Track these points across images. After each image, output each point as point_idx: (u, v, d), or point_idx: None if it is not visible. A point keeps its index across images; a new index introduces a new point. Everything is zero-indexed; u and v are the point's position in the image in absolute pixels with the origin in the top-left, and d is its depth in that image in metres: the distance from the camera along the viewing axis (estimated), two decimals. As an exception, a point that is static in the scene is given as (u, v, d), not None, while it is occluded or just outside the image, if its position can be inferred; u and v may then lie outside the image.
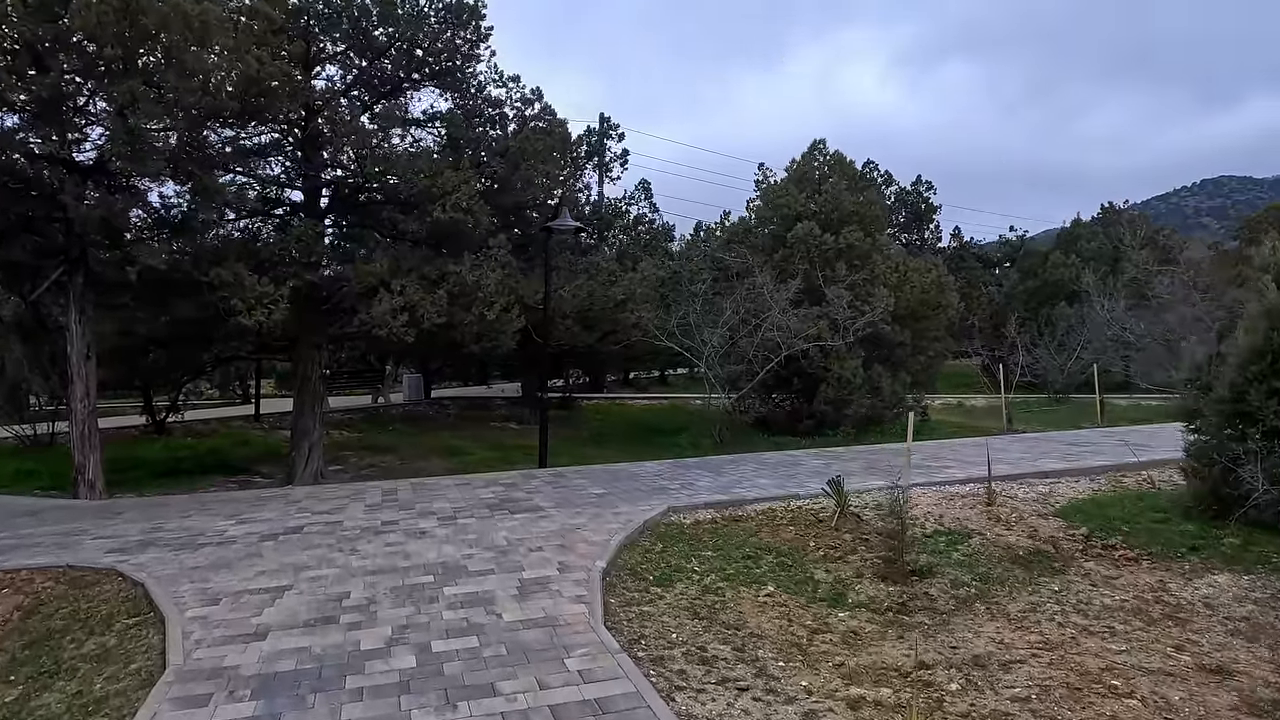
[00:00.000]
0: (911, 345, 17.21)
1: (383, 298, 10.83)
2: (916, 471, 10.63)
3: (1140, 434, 14.39)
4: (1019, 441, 13.65)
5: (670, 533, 8.00)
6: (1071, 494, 9.47)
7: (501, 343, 12.17)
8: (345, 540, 7.58)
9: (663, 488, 10.00)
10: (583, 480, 10.76)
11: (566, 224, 11.35)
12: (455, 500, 9.51)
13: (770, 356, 15.38)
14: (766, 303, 15.98)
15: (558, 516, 8.41)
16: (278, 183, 13.84)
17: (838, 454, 12.82)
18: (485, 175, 12.11)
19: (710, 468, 11.65)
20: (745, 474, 10.93)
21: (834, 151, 18.25)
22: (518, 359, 21.05)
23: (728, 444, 15.60)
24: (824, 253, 16.52)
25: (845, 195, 17.36)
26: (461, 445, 16.74)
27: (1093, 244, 29.15)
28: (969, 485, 9.83)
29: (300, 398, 13.01)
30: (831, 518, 8.24)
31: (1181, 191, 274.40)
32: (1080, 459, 11.33)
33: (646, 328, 15.79)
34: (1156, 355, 18.12)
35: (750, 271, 17.26)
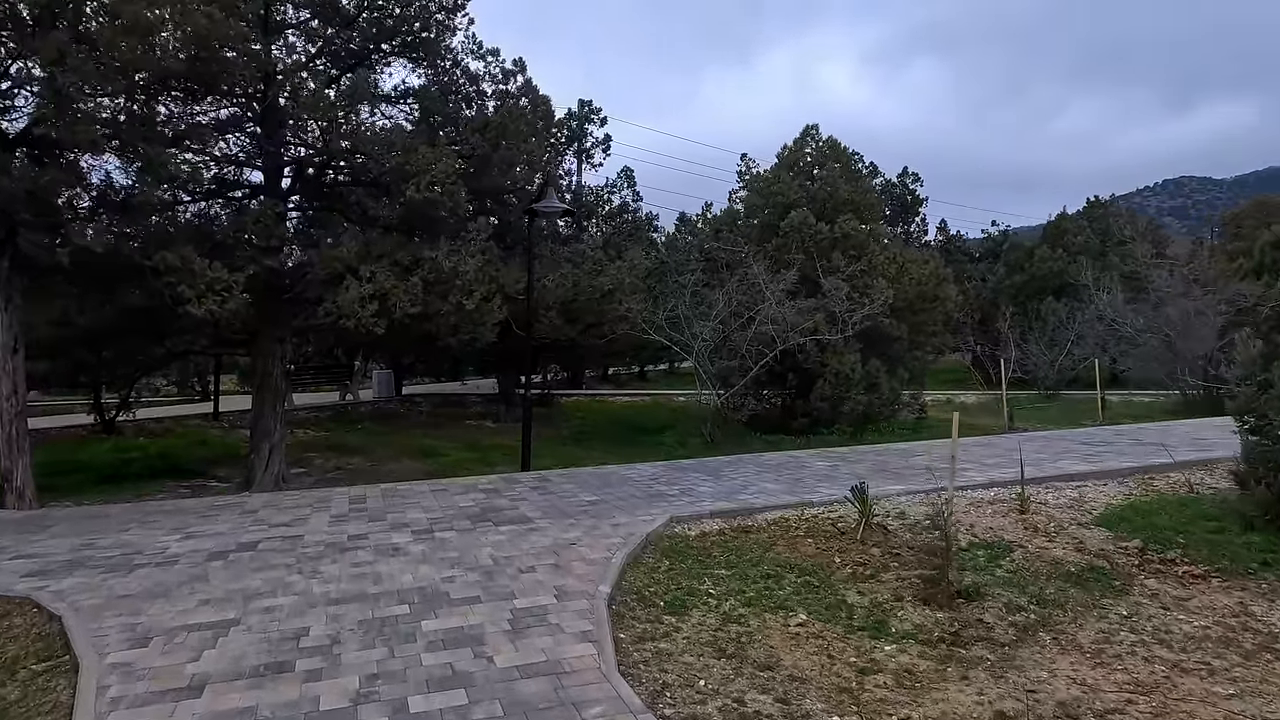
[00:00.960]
0: (909, 340, 16.50)
1: (350, 285, 9.81)
2: (934, 475, 9.86)
3: (1149, 432, 13.78)
4: (1029, 441, 12.96)
5: (676, 547, 7.12)
6: (1104, 499, 8.74)
7: (481, 335, 11.20)
8: (306, 560, 6.59)
9: (660, 494, 9.12)
10: (571, 485, 9.85)
11: (553, 206, 10.40)
12: (431, 510, 8.54)
13: (765, 351, 14.57)
14: (760, 294, 15.17)
15: (549, 529, 7.49)
16: (236, 162, 12.72)
17: (842, 455, 12.02)
18: (463, 154, 11.10)
19: (708, 470, 10.79)
20: (747, 477, 10.08)
21: (828, 138, 17.49)
22: (494, 354, 20.03)
23: (719, 443, 14.77)
24: (819, 242, 15.73)
25: (841, 183, 16.59)
26: (435, 445, 15.72)
27: (1080, 238, 28.75)
28: (993, 490, 9.07)
29: (260, 396, 11.93)
30: (855, 529, 7.41)
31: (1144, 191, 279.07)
32: (1101, 460, 10.63)
33: (635, 320, 14.89)
34: (1155, 351, 17.61)
35: (741, 262, 16.45)
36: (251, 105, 11.72)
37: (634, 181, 23.65)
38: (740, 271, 15.87)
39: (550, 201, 10.44)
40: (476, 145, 11.36)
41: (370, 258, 10.29)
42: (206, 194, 12.43)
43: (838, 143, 17.34)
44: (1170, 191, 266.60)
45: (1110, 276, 21.55)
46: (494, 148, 11.31)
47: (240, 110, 11.91)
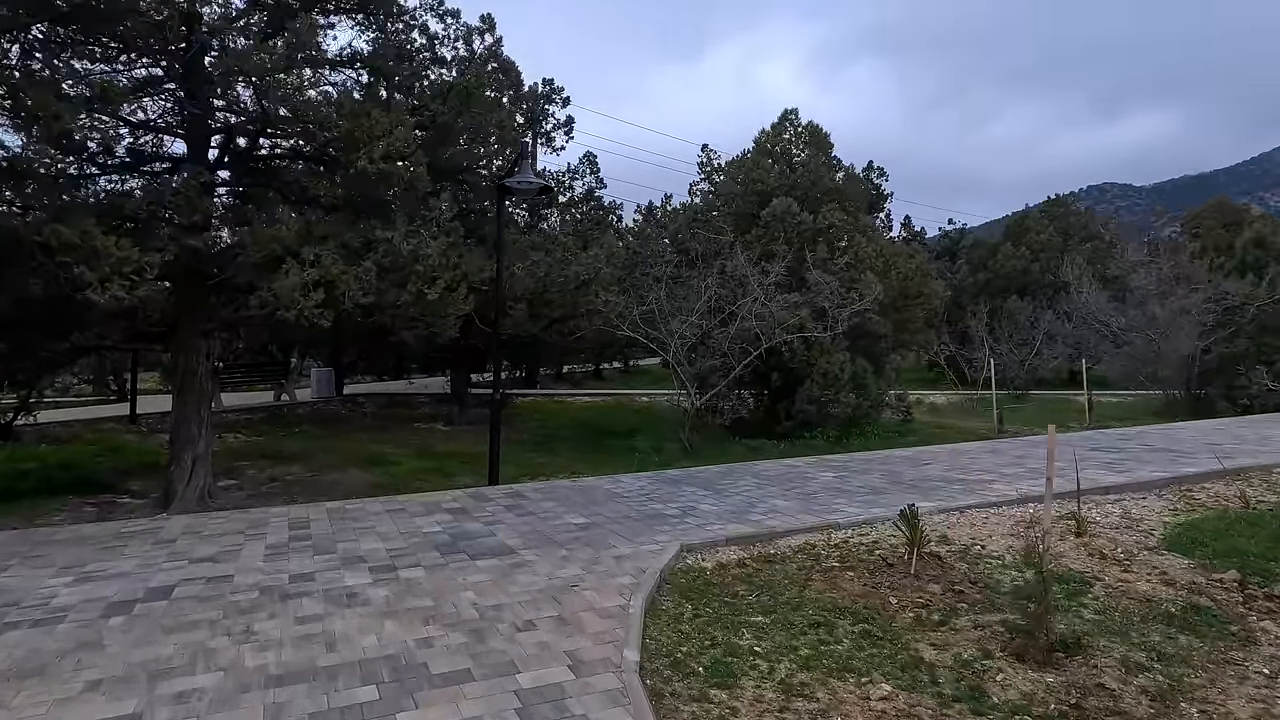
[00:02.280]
0: (893, 338, 15.61)
1: (290, 270, 8.32)
2: (955, 487, 8.87)
3: (1151, 436, 13.12)
4: (1035, 446, 12.13)
5: (695, 585, 5.91)
6: (1153, 515, 7.84)
7: (443, 330, 9.79)
8: (236, 613, 5.17)
9: (658, 514, 7.89)
10: (551, 504, 8.54)
11: (528, 181, 9.06)
12: (390, 536, 7.15)
13: (748, 349, 13.45)
14: (742, 288, 14.06)
15: (539, 564, 6.19)
16: (155, 129, 11.01)
17: (843, 464, 10.97)
18: (422, 124, 9.67)
19: (702, 484, 9.61)
20: (750, 492, 8.93)
21: (807, 123, 16.47)
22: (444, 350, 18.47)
23: (698, 449, 13.62)
24: (802, 233, 14.69)
25: (824, 170, 15.60)
26: (384, 452, 14.18)
27: (1042, 236, 28.54)
28: (1031, 505, 8.10)
29: (182, 398, 10.28)
30: (906, 560, 6.30)
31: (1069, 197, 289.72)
32: (1127, 469, 9.80)
33: (610, 314, 13.61)
34: (1139, 351, 17.13)
35: (719, 254, 15.32)
36: (173, 65, 10.08)
37: (597, 167, 22.35)
38: (719, 264, 14.73)
39: (525, 176, 9.09)
40: (437, 113, 9.93)
41: (314, 239, 8.79)
42: (121, 167, 10.71)
43: (818, 128, 16.34)
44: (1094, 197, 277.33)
45: (1088, 275, 21.13)
46: (457, 115, 9.90)
47: (165, 71, 10.26)
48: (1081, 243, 28.04)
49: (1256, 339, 15.80)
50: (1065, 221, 29.50)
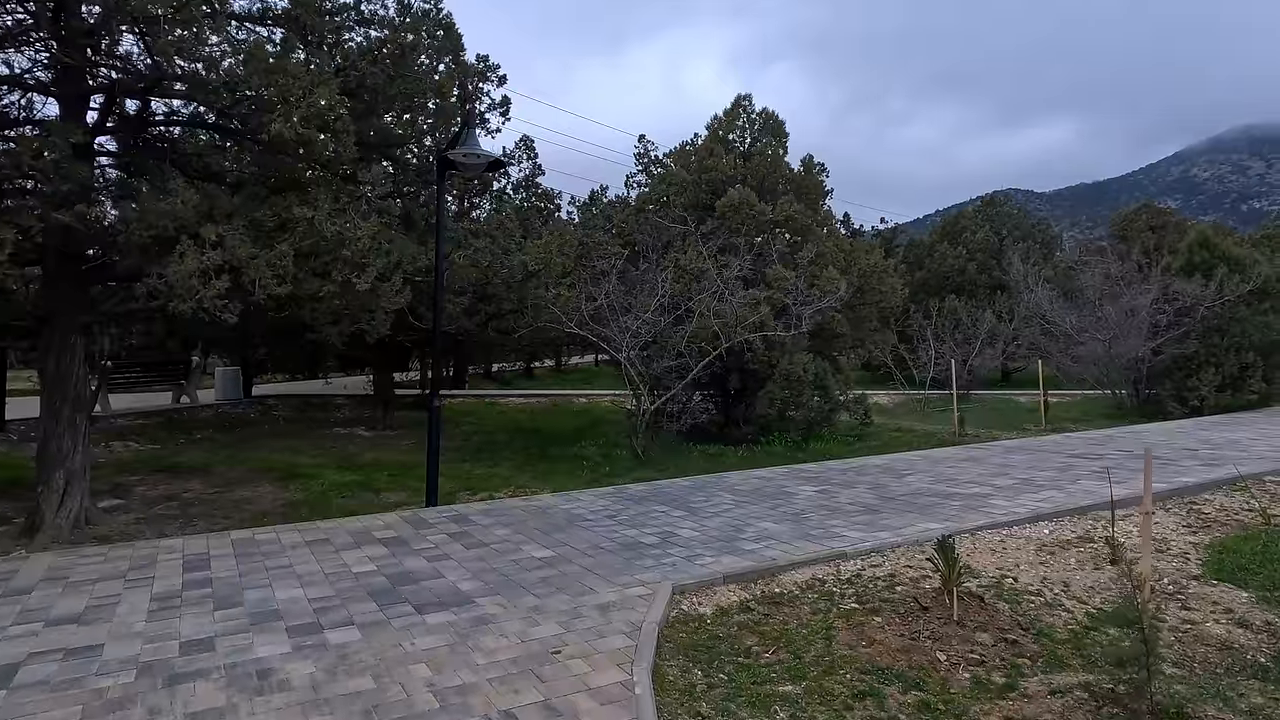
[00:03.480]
0: (851, 337, 14.89)
1: (186, 253, 6.84)
2: (953, 504, 8.05)
3: (1122, 441, 12.72)
4: (1011, 453, 11.52)
5: (700, 642, 4.84)
6: (1172, 534, 7.17)
7: (374, 326, 8.42)
8: (101, 711, 3.81)
9: (633, 543, 6.77)
10: (504, 530, 7.33)
11: (476, 152, 7.77)
12: (312, 578, 5.83)
13: (706, 349, 12.45)
14: (699, 283, 13.06)
15: (505, 619, 4.99)
16: (23, 86, 9.25)
17: (818, 474, 10.08)
18: (348, 88, 8.27)
19: (674, 502, 8.54)
20: (731, 512, 7.91)
21: (762, 109, 15.59)
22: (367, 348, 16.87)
23: (653, 457, 12.55)
24: (761, 225, 13.78)
25: (781, 160, 14.74)
26: (300, 463, 12.60)
27: (978, 235, 28.60)
28: (1041, 526, 7.32)
29: (52, 405, 8.59)
30: (940, 600, 5.35)
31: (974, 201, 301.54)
32: (1124, 480, 9.18)
33: (561, 309, 12.34)
34: (1090, 351, 16.92)
35: (670, 246, 14.29)
36: (43, 8, 8.39)
37: (535, 152, 20.93)
38: (672, 257, 13.70)
39: (472, 145, 7.80)
40: (366, 74, 8.55)
41: (217, 216, 7.33)
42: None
43: (773, 115, 15.47)
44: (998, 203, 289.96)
45: (1034, 274, 21.00)
46: (390, 78, 8.53)
47: (28, 16, 8.55)
48: (1016, 242, 28.24)
49: (1205, 340, 15.72)
50: (1000, 221, 29.72)
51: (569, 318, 12.64)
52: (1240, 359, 15.68)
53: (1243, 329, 15.69)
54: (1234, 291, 15.47)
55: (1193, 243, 17.03)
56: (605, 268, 13.58)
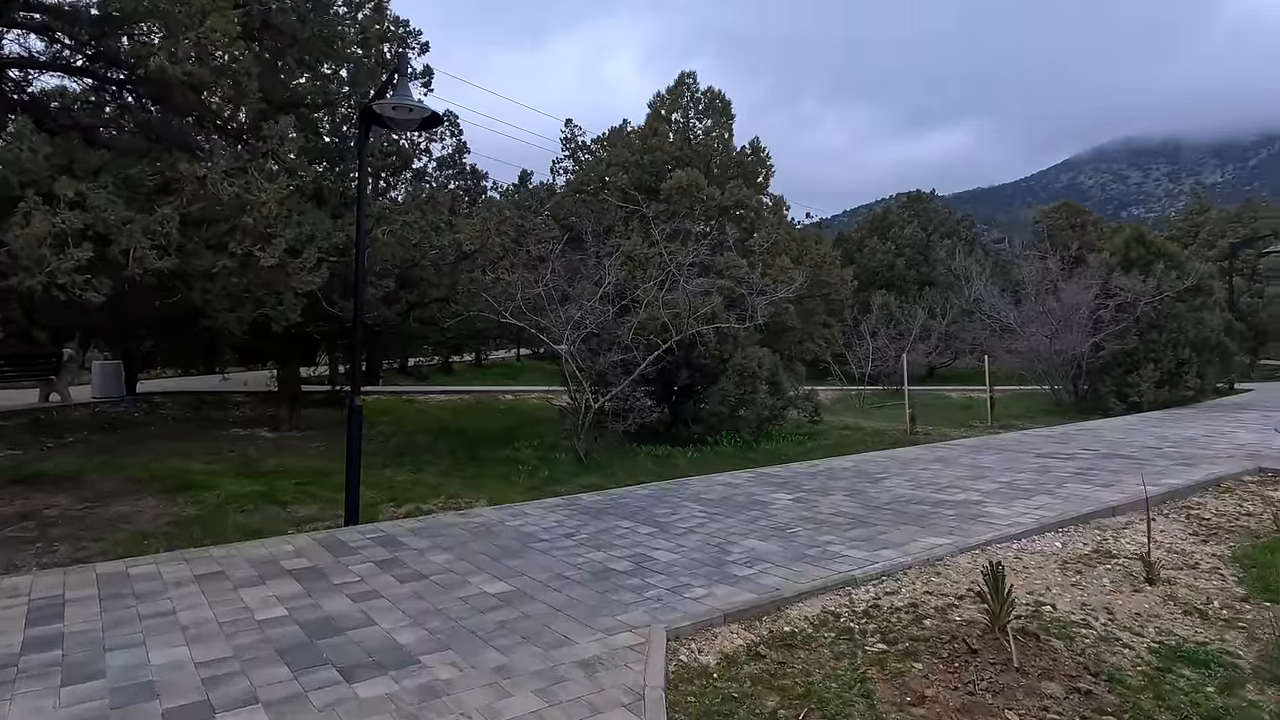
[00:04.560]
0: (801, 330, 14.17)
1: (33, 215, 5.37)
2: (947, 513, 7.29)
3: (1079, 438, 12.38)
4: (978, 452, 10.95)
5: (713, 709, 3.83)
6: (1187, 544, 6.57)
7: (280, 312, 7.04)
8: None
9: (603, 570, 5.70)
10: (444, 555, 6.13)
11: (410, 104, 6.49)
12: (202, 632, 4.53)
13: (656, 341, 11.46)
14: (644, 271, 12.05)
15: (463, 685, 3.84)
16: None
17: (787, 479, 9.22)
18: (251, 24, 6.86)
19: (635, 515, 7.50)
20: (706, 527, 6.92)
21: (708, 88, 14.66)
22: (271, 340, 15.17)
23: (597, 460, 11.48)
24: (709, 209, 12.87)
25: (729, 142, 13.87)
26: (191, 470, 10.96)
27: (907, 230, 28.60)
28: (1056, 537, 6.62)
29: None
30: (987, 639, 4.48)
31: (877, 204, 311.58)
32: (1109, 483, 8.64)
33: (498, 296, 11.06)
34: (1033, 347, 16.75)
35: (611, 230, 13.23)
36: None
37: (459, 129, 19.40)
38: (615, 242, 12.64)
39: (404, 96, 6.53)
40: (274, 13, 7.15)
41: (78, 170, 5.86)
42: None
43: (719, 94, 14.56)
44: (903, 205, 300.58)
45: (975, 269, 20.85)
46: (303, 20, 7.15)
47: None
48: (942, 239, 28.38)
49: (1144, 337, 15.71)
50: (927, 218, 29.84)
51: (503, 306, 11.40)
52: (1177, 355, 15.75)
53: (1179, 325, 15.77)
54: (1172, 288, 15.51)
55: (1129, 239, 17.07)
56: (543, 252, 12.41)
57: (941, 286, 26.32)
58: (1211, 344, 16.34)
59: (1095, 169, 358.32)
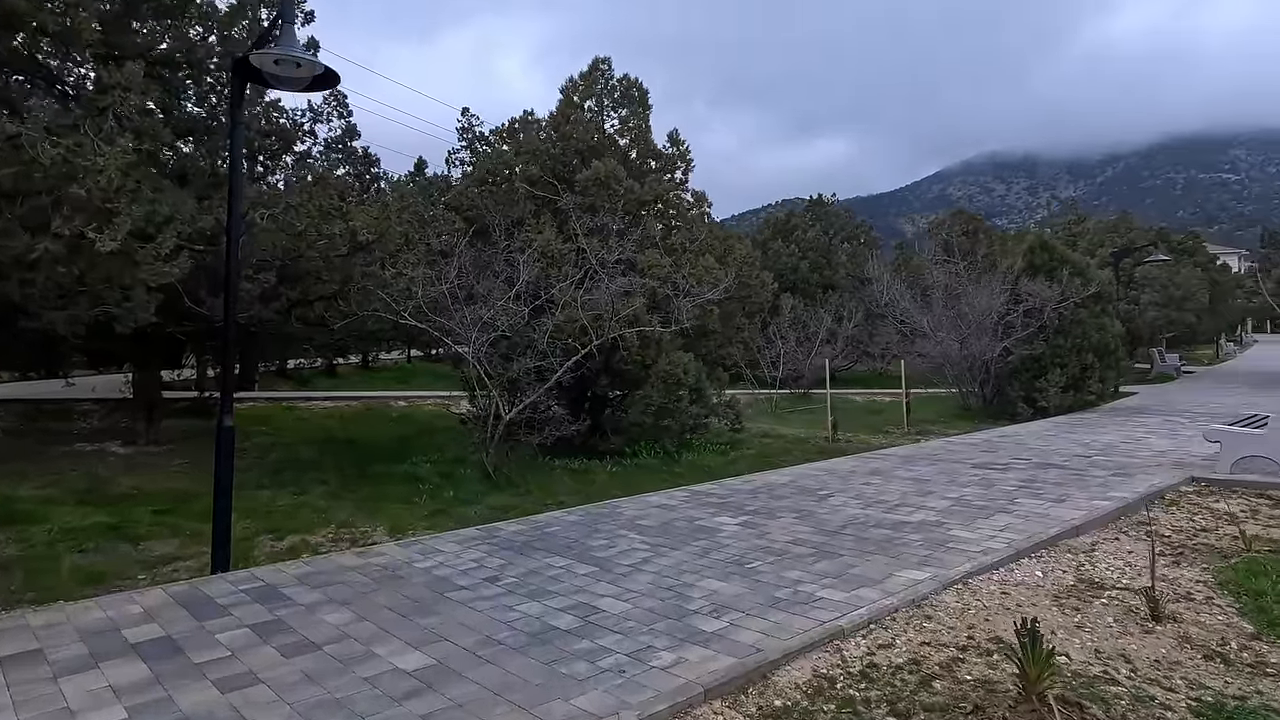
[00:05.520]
0: (722, 334, 13.48)
1: None
2: (912, 538, 6.66)
3: (1003, 445, 12.20)
4: (912, 463, 10.49)
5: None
6: (1159, 568, 6.15)
7: (127, 310, 5.64)
8: None
9: (544, 630, 4.69)
10: (339, 613, 4.96)
11: (296, 57, 5.24)
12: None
13: (574, 345, 10.46)
14: (558, 269, 11.04)
15: (382, 837, 2.77)
16: None
17: (725, 498, 8.41)
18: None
19: (569, 549, 6.49)
20: (653, 563, 6.00)
21: (624, 75, 13.76)
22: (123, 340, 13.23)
23: (508, 477, 10.37)
24: (629, 203, 11.98)
25: (648, 133, 13.02)
26: (18, 497, 9.16)
27: (809, 234, 28.63)
28: (1035, 564, 6.07)
29: None
30: (1017, 708, 3.75)
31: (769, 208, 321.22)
32: (1058, 495, 8.28)
33: (397, 293, 9.71)
34: (944, 351, 16.72)
35: (521, 223, 12.13)
36: None
37: (349, 110, 17.66)
38: (526, 237, 11.53)
39: (289, 46, 5.26)
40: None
41: None
42: None
43: (636, 82, 13.67)
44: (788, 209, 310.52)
45: (888, 273, 20.83)
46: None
47: None
48: (843, 242, 28.60)
49: (1051, 342, 15.90)
50: (828, 221, 30.02)
51: (402, 305, 10.11)
52: (1081, 360, 16.05)
53: (1083, 331, 16.08)
54: (1077, 294, 15.77)
55: (1033, 245, 17.33)
56: (447, 247, 11.20)
57: (844, 290, 26.44)
58: (1110, 349, 16.78)
59: (964, 181, 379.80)
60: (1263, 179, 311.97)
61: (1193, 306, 28.02)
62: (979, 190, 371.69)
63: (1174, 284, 26.94)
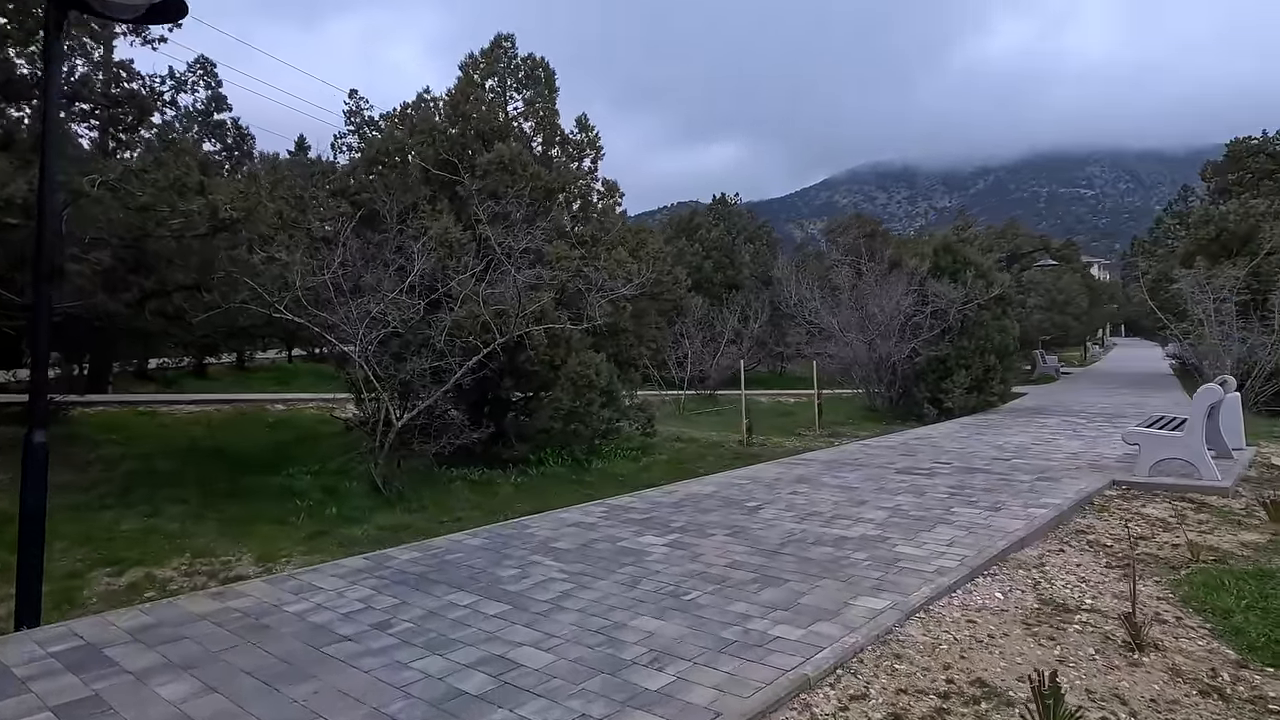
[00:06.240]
0: (634, 334, 12.73)
1: None
2: (858, 557, 6.09)
3: (921, 449, 11.96)
4: (836, 469, 10.01)
5: None
6: (1113, 583, 5.78)
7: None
8: None
9: (451, 694, 3.78)
10: (182, 685, 3.89)
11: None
12: None
13: (476, 344, 9.47)
14: (456, 260, 10.04)
15: None
16: None
17: (647, 513, 7.63)
18: None
19: (474, 582, 5.55)
20: (575, 596, 5.16)
21: (528, 54, 12.82)
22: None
23: (400, 490, 9.28)
24: (535, 189, 11.06)
25: (555, 117, 12.13)
26: None
27: (713, 233, 28.30)
28: (993, 585, 5.57)
29: None
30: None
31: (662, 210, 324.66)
32: (994, 503, 7.92)
33: (270, 283, 8.41)
34: (853, 352, 16.55)
35: (415, 209, 11.03)
36: None
37: (218, 80, 15.73)
38: (420, 224, 10.43)
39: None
40: None
41: None
42: None
43: (542, 62, 12.73)
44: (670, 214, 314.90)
45: (793, 273, 20.57)
46: None
47: None
48: (745, 242, 28.45)
49: (956, 343, 15.96)
50: (731, 221, 29.81)
51: (277, 297, 8.84)
52: (984, 361, 16.19)
53: (986, 333, 16.23)
54: (981, 295, 15.89)
55: (938, 247, 17.42)
56: (329, 233, 9.99)
57: (748, 290, 26.24)
58: (1010, 351, 17.06)
59: (849, 189, 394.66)
60: (1115, 195, 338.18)
61: (1074, 310, 29.43)
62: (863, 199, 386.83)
63: (1057, 288, 28.23)
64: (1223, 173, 26.53)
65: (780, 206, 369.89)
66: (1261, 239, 20.60)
